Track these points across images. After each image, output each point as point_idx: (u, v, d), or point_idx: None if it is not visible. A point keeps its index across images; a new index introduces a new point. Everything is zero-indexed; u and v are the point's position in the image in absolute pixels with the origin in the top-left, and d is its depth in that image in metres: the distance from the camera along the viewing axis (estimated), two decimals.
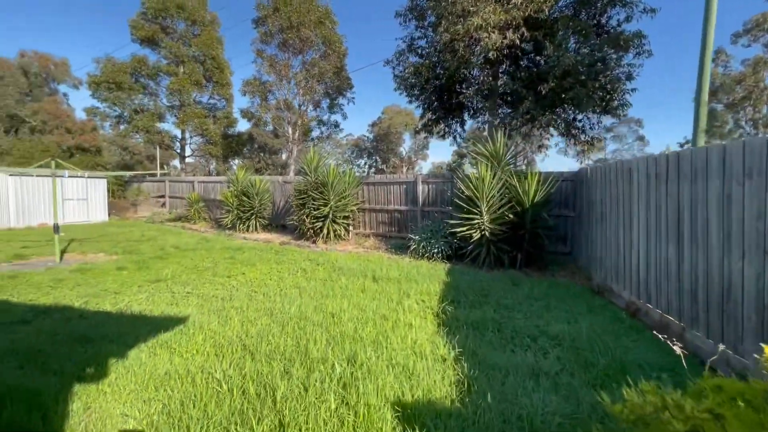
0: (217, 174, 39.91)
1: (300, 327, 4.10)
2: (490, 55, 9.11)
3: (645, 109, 61.36)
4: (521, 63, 10.81)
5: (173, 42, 20.77)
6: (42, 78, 31.28)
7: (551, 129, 11.60)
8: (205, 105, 22.88)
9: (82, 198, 15.18)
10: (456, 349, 3.53)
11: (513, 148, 8.47)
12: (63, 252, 8.58)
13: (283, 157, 50.81)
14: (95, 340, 3.71)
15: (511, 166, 8.36)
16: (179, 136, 22.87)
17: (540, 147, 12.30)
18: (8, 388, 2.76)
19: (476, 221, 7.66)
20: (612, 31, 9.90)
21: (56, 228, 7.95)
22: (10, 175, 13.10)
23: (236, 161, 40.23)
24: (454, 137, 13.65)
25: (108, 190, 16.73)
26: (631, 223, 4.96)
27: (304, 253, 9.17)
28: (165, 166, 33.14)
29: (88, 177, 15.37)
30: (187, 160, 27.22)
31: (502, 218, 7.47)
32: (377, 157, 54.30)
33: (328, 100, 20.18)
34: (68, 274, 6.57)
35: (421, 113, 13.42)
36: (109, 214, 16.33)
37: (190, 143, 23.89)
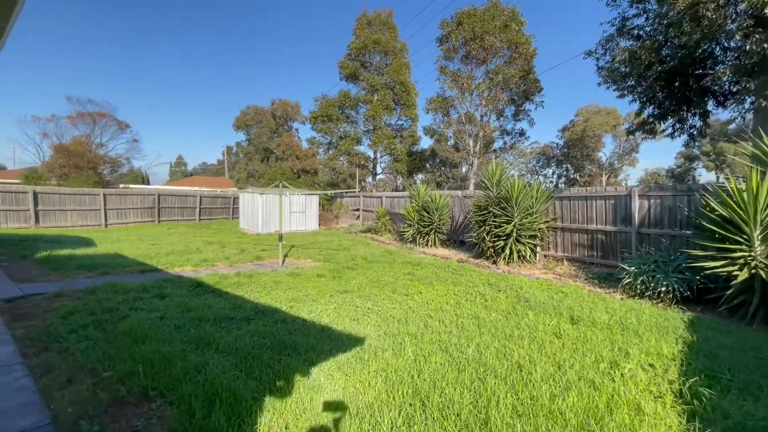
0: (403, 189, 43.60)
1: (479, 376, 3.43)
2: (766, 11, 6.21)
3: None
4: None
5: (369, 74, 23.82)
6: (283, 119, 41.35)
7: None
8: (393, 126, 25.31)
9: (301, 211, 18.80)
10: None
11: None
12: (285, 256, 10.51)
13: (463, 170, 51.09)
14: (289, 349, 4.03)
15: None
16: (372, 156, 26.00)
17: None
18: (221, 389, 3.12)
19: (740, 254, 5.27)
20: None
21: (280, 237, 9.80)
22: (260, 194, 17.37)
23: (419, 176, 42.83)
24: (691, 135, 10.20)
25: (319, 204, 20.22)
26: None
27: (482, 274, 8.43)
28: (362, 183, 38.18)
29: (304, 194, 18.94)
30: (378, 176, 30.59)
31: None
32: (568, 166, 48.21)
33: (512, 108, 18.87)
34: (284, 277, 7.85)
35: (637, 108, 10.64)
36: (318, 224, 19.67)
37: (380, 162, 26.78)
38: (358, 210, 21.05)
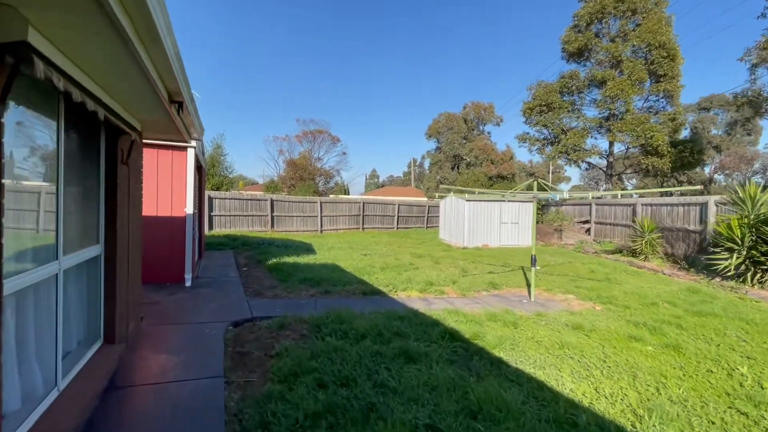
0: (614, 196, 34.34)
1: None
2: None
3: None
4: None
5: (606, 44, 18.15)
6: (474, 123, 38.92)
7: None
8: (640, 108, 18.63)
9: (514, 222, 15.43)
10: None
11: None
12: (528, 285, 7.45)
13: (707, 171, 37.17)
14: None
15: None
16: (606, 151, 19.98)
17: None
18: None
19: None
20: None
21: (533, 261, 6.74)
22: (467, 200, 14.90)
23: (632, 180, 33.11)
24: None
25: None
26: None
27: None
28: (554, 188, 31.90)
29: (518, 202, 15.44)
30: (568, 183, 24.04)
31: None
32: None
33: None
34: (567, 333, 4.73)
35: None
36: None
37: (625, 156, 20.06)
38: (587, 222, 16.19)
